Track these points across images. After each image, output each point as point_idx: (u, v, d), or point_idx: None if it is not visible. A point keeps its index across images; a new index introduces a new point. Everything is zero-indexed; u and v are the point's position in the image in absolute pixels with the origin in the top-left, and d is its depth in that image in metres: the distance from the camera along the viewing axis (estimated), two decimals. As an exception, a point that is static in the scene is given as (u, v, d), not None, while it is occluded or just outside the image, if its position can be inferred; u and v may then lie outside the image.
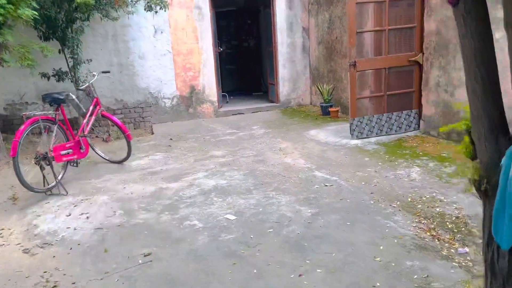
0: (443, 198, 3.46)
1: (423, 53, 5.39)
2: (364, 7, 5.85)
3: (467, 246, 2.69)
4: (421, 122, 5.59)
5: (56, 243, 3.18)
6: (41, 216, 3.71)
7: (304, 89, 8.76)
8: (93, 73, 5.42)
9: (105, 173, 4.90)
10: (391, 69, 5.45)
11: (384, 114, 5.53)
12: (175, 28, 7.70)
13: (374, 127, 5.52)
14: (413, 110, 5.61)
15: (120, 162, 5.28)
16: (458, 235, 2.83)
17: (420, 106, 5.59)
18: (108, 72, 5.59)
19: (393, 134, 5.59)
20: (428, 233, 2.89)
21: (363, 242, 2.84)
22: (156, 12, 6.53)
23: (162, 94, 7.84)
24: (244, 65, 11.96)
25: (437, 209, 3.26)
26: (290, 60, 8.53)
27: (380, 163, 4.51)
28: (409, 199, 3.50)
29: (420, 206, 3.36)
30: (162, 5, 6.38)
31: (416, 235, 2.89)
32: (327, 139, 5.71)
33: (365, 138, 5.51)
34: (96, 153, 5.42)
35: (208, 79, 8.07)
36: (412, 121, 5.63)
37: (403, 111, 5.59)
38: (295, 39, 8.48)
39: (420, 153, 4.74)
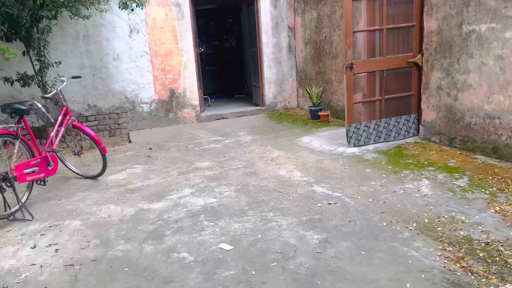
0: (464, 218, 3.09)
1: (422, 54, 5.05)
2: (356, 4, 5.47)
3: (507, 282, 2.31)
4: (421, 127, 5.26)
5: (18, 286, 2.64)
6: (1, 249, 3.15)
7: (291, 91, 8.35)
8: (62, 78, 4.83)
9: (77, 192, 4.34)
10: (389, 71, 5.08)
11: (382, 120, 5.16)
12: (153, 27, 7.15)
13: (371, 133, 5.14)
14: (412, 115, 5.27)
15: (94, 177, 4.72)
16: (494, 267, 2.45)
17: (419, 110, 5.25)
18: (79, 77, 5.00)
19: (391, 140, 5.23)
20: (458, 265, 2.50)
21: (385, 278, 2.43)
22: (132, 10, 5.98)
23: (139, 99, 7.27)
24: (225, 67, 11.47)
25: (461, 233, 2.88)
26: (276, 61, 8.10)
27: (384, 175, 4.12)
28: (426, 220, 3.12)
29: (440, 228, 2.97)
30: (139, 2, 5.82)
31: (444, 267, 2.50)
32: (321, 147, 5.31)
33: (363, 145, 5.13)
34: (67, 167, 4.85)
35: (189, 82, 7.55)
36: (411, 127, 5.28)
37: (402, 116, 5.23)
38: (281, 39, 8.05)
39: (425, 163, 4.39)
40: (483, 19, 4.19)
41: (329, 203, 3.56)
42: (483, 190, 3.55)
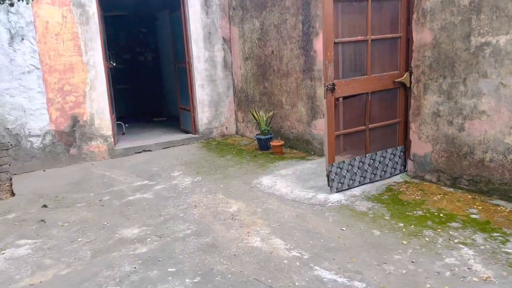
0: None
1: (410, 73, 4.07)
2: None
3: None
4: (409, 162, 4.25)
5: None
6: None
7: (228, 115, 6.97)
8: None
9: None
10: (374, 94, 4.00)
11: (366, 156, 4.04)
12: (45, 33, 5.27)
13: (355, 174, 3.99)
14: (398, 147, 4.25)
15: None
16: None
17: (406, 141, 4.25)
18: None
19: (377, 180, 4.13)
20: None
21: None
22: (10, 4, 4.11)
23: (26, 130, 5.28)
24: (140, 85, 9.70)
25: None
26: (210, 79, 6.68)
27: (404, 242, 2.94)
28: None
29: None
30: (22, -6, 4.01)
31: None
32: (293, 193, 4.00)
33: (346, 189, 3.94)
34: None
35: (98, 106, 5.75)
36: (397, 162, 4.25)
37: (388, 150, 4.18)
38: (215, 52, 6.67)
39: (441, 215, 3.32)
40: (502, 29, 3.30)
41: (358, 308, 2.23)
42: (554, 262, 2.53)
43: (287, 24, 5.49)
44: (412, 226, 3.17)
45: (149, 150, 6.21)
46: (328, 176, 3.84)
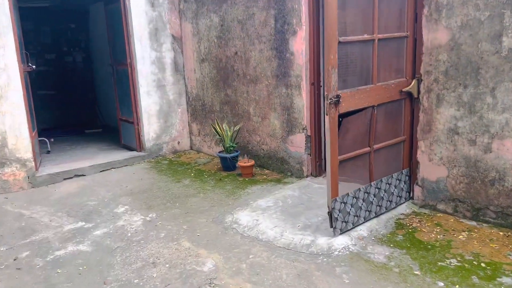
0: None
1: (418, 80, 3.33)
2: None
3: None
4: (416, 188, 3.52)
5: None
6: None
7: (181, 127, 5.88)
8: None
9: None
10: (380, 107, 3.21)
11: (372, 184, 3.23)
12: None
13: (360, 208, 3.16)
14: (403, 171, 3.50)
15: None
16: None
17: (412, 164, 3.51)
18: None
19: (383, 213, 3.35)
20: None
21: None
22: None
23: None
24: (69, 90, 8.23)
25: None
26: (158, 85, 5.55)
27: (460, 315, 2.14)
28: None
29: None
30: None
31: None
32: (284, 237, 3.08)
33: (351, 228, 3.10)
34: None
35: (12, 121, 4.42)
36: (402, 189, 3.50)
37: (393, 175, 3.41)
38: (163, 52, 5.56)
39: (483, 265, 2.59)
40: (547, 27, 2.65)
41: None
42: None
43: (255, 20, 4.56)
44: (457, 286, 2.40)
45: (83, 175, 4.94)
46: (330, 214, 2.97)
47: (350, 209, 3.07)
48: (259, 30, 4.54)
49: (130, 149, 5.76)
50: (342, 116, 3.00)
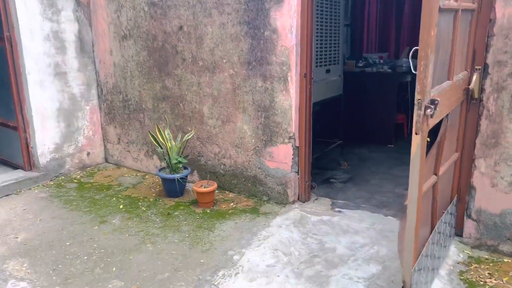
0: None
1: (480, 72, 2.35)
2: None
3: None
4: (468, 223, 2.57)
5: None
6: None
7: (91, 132, 4.15)
8: None
9: None
10: (451, 114, 2.14)
11: (435, 230, 2.17)
12: None
13: (433, 269, 2.08)
14: (453, 201, 2.52)
15: None
16: None
17: (461, 190, 2.55)
18: None
19: (440, 265, 2.32)
20: None
21: None
22: None
23: None
24: None
25: None
26: (56, 72, 3.75)
27: None
28: None
29: None
30: None
31: None
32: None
33: (420, 304, 2.00)
34: None
35: None
36: (451, 224, 2.53)
37: (448, 208, 2.41)
38: (62, 24, 3.76)
39: None
40: None
41: None
42: None
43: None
44: None
45: None
46: (407, 295, 1.81)
47: (425, 277, 1.97)
48: (220, -5, 3.14)
49: (13, 167, 3.87)
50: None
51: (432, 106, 1.61)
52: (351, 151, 4.56)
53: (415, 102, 1.61)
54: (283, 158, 3.14)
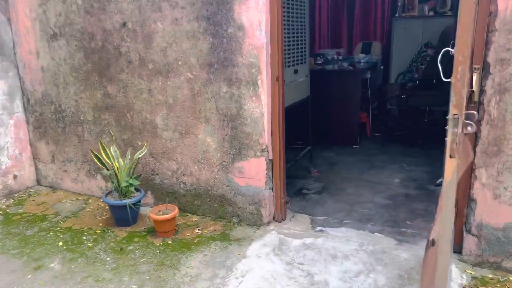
0: None
1: (479, 72, 2.09)
2: None
3: None
4: (468, 239, 2.32)
5: None
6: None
7: (17, 151, 3.46)
8: None
9: None
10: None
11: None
12: None
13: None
14: (452, 214, 2.25)
15: None
16: None
17: (459, 203, 2.30)
18: None
19: (448, 293, 2.04)
20: None
21: None
22: None
23: None
24: None
25: None
26: (-35, 80, 3.03)
27: None
28: None
29: None
30: None
31: None
32: None
33: None
34: None
35: None
36: (451, 242, 2.26)
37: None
38: (-29, 20, 3.05)
39: None
40: None
41: None
42: None
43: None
44: None
45: None
46: None
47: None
48: (171, -15, 2.64)
49: None
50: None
51: (471, 123, 1.28)
52: (319, 155, 4.25)
53: (450, 117, 1.27)
54: (255, 173, 2.73)
